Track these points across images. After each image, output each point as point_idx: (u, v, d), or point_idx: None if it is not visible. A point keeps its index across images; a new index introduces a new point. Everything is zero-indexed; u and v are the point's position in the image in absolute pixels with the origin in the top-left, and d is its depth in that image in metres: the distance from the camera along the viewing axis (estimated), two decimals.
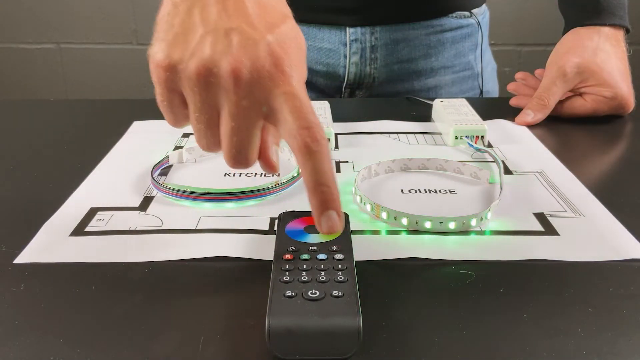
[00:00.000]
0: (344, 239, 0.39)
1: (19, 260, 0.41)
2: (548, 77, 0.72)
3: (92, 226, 0.46)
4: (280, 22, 0.38)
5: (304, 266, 0.36)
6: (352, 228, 0.45)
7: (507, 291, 0.38)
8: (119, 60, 1.78)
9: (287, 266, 0.36)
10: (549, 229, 0.46)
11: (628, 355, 0.33)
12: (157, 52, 0.37)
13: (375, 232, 0.45)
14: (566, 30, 0.76)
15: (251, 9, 0.37)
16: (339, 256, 0.37)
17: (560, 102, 0.72)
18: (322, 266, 0.36)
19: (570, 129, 0.70)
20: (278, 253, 0.38)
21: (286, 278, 0.35)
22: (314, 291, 0.33)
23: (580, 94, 0.72)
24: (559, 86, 0.71)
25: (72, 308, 0.37)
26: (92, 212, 0.48)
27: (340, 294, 0.33)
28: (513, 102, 0.77)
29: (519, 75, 0.80)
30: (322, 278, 0.35)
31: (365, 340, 0.34)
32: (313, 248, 0.38)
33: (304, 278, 0.35)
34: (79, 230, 0.45)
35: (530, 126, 0.69)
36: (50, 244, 0.43)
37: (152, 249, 0.43)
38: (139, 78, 1.76)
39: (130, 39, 1.77)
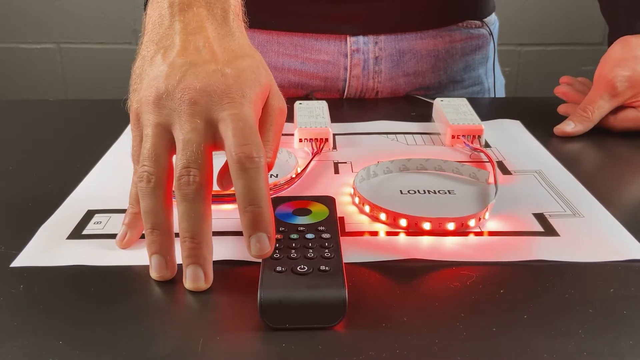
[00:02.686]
0: (331, 221, 0.42)
1: (15, 264, 0.41)
2: (595, 90, 0.66)
3: (89, 229, 0.46)
4: (240, 58, 0.41)
5: (293, 244, 0.39)
6: (350, 230, 0.46)
7: (507, 292, 0.38)
8: (119, 60, 1.78)
9: (277, 244, 0.38)
10: (548, 230, 0.46)
11: (629, 356, 0.33)
12: (132, 103, 0.41)
13: (374, 233, 0.45)
14: (613, 38, 0.68)
15: (211, 48, 0.40)
16: (325, 235, 0.40)
17: (613, 113, 0.67)
18: (310, 244, 0.39)
19: None
20: None
21: (276, 255, 0.37)
22: (302, 266, 0.36)
23: (635, 107, 0.66)
24: (606, 100, 0.65)
25: (72, 309, 0.37)
26: (90, 215, 0.48)
27: (327, 268, 0.36)
28: (561, 109, 0.71)
29: (564, 79, 0.74)
30: (310, 255, 0.37)
31: (366, 341, 0.34)
32: (301, 228, 0.41)
33: (293, 255, 0.37)
34: (76, 233, 0.45)
35: (529, 129, 0.69)
36: (48, 248, 0.43)
37: None
38: None
39: (130, 38, 1.77)
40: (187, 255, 0.37)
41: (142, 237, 0.44)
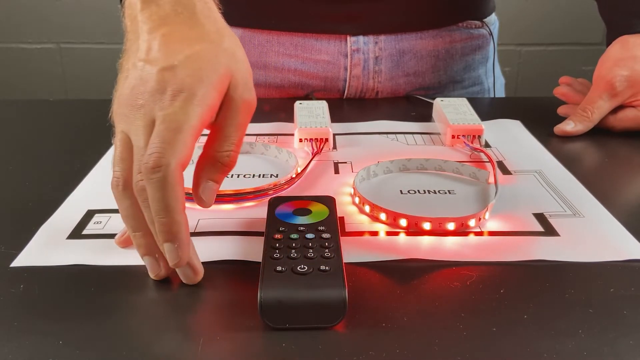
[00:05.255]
0: (331, 221, 0.42)
1: (16, 263, 0.41)
2: (595, 90, 0.66)
3: (89, 229, 0.46)
4: (188, 48, 0.39)
5: (293, 244, 0.39)
6: (350, 229, 0.46)
7: (507, 292, 0.38)
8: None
9: (277, 244, 0.39)
10: (548, 230, 0.46)
11: (628, 356, 0.33)
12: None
13: (374, 233, 0.45)
14: (611, 38, 0.69)
15: (167, 45, 0.39)
16: (326, 235, 0.40)
17: (612, 113, 0.67)
18: (310, 244, 0.39)
19: None
20: (269, 233, 0.40)
21: (276, 255, 0.37)
22: (302, 266, 0.36)
23: (634, 107, 0.66)
24: (606, 100, 0.65)
25: (72, 309, 0.37)
26: (90, 215, 0.48)
27: (327, 268, 0.36)
28: (561, 110, 0.71)
29: (563, 80, 0.74)
30: (310, 254, 0.37)
31: (366, 341, 0.34)
32: (301, 228, 0.41)
33: (293, 255, 0.37)
34: (77, 233, 0.45)
35: (529, 129, 0.69)
36: (48, 247, 0.43)
37: None
38: None
39: None
40: (160, 231, 0.36)
41: None
